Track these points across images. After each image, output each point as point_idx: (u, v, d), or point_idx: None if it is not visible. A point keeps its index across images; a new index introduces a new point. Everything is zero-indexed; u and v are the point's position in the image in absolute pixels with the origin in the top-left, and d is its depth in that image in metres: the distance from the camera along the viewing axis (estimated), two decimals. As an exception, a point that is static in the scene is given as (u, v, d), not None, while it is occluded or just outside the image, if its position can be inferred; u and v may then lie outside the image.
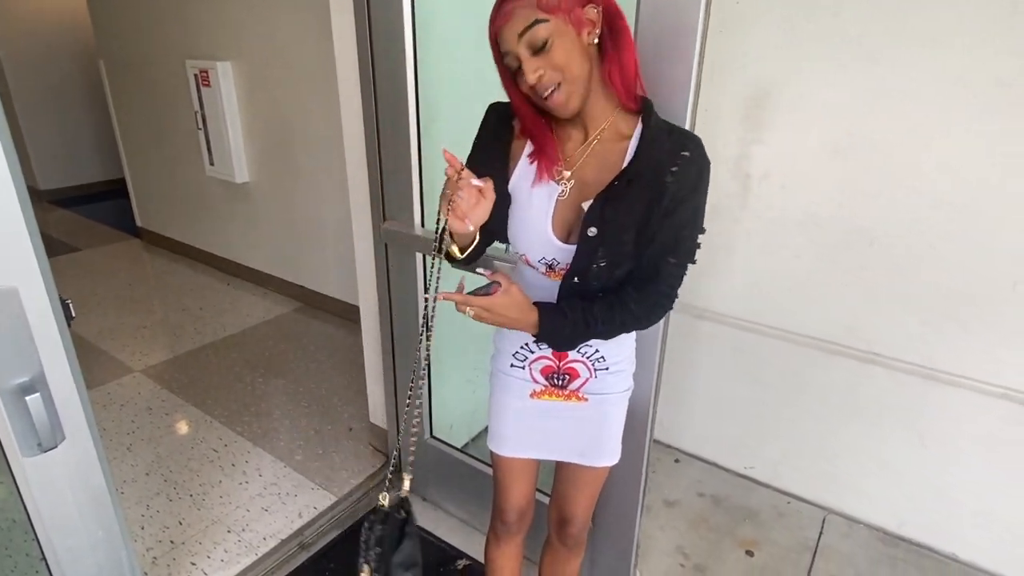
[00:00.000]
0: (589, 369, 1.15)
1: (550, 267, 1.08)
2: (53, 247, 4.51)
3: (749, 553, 1.96)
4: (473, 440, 2.34)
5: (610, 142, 1.03)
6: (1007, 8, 1.49)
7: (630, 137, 1.02)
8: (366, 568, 1.08)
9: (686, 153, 0.98)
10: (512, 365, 1.20)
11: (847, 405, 2.01)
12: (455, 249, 1.06)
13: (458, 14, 1.77)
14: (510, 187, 1.09)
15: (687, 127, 1.16)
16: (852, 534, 2.04)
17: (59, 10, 5.41)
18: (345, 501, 2.10)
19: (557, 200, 1.04)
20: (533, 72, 0.92)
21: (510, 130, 1.10)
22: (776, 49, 1.81)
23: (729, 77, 1.90)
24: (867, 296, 1.88)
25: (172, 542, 1.91)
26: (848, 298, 1.91)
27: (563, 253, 1.05)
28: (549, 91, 0.94)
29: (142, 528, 1.96)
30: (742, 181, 1.97)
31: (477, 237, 1.05)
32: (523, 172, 1.08)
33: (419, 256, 1.82)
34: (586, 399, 1.17)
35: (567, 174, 1.05)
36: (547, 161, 1.04)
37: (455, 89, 1.84)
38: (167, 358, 2.99)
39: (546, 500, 1.42)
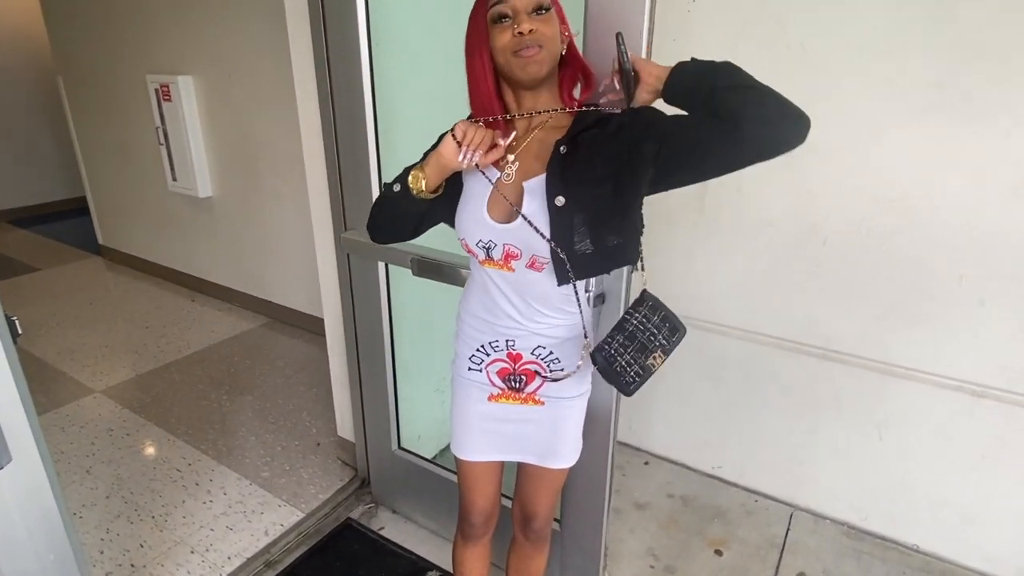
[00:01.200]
0: (543, 369, 1.15)
1: (488, 252, 1.08)
2: (12, 267, 4.39)
3: (718, 552, 1.97)
4: (443, 452, 2.33)
5: (551, 131, 1.06)
6: (937, 14, 1.56)
7: (572, 114, 1.07)
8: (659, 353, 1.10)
9: (619, 112, 1.03)
10: (470, 368, 1.20)
11: (807, 402, 2.05)
12: (424, 183, 1.08)
13: (414, 23, 1.79)
14: (463, 177, 1.12)
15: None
16: (818, 530, 2.07)
17: (14, 27, 5.30)
18: (313, 517, 2.06)
19: (498, 183, 1.07)
20: (528, 24, 0.96)
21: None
22: (726, 55, 1.86)
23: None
24: (823, 294, 1.92)
25: (133, 565, 1.86)
26: (805, 297, 1.95)
27: (499, 234, 1.05)
28: (532, 47, 0.97)
29: (101, 552, 1.90)
30: (699, 187, 2.01)
31: (441, 189, 1.11)
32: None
33: (381, 265, 1.81)
34: (542, 402, 1.18)
35: (511, 157, 1.07)
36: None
37: (413, 97, 1.85)
38: (129, 377, 2.92)
39: (510, 501, 1.41)
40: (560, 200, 1.00)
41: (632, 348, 1.06)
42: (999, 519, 1.85)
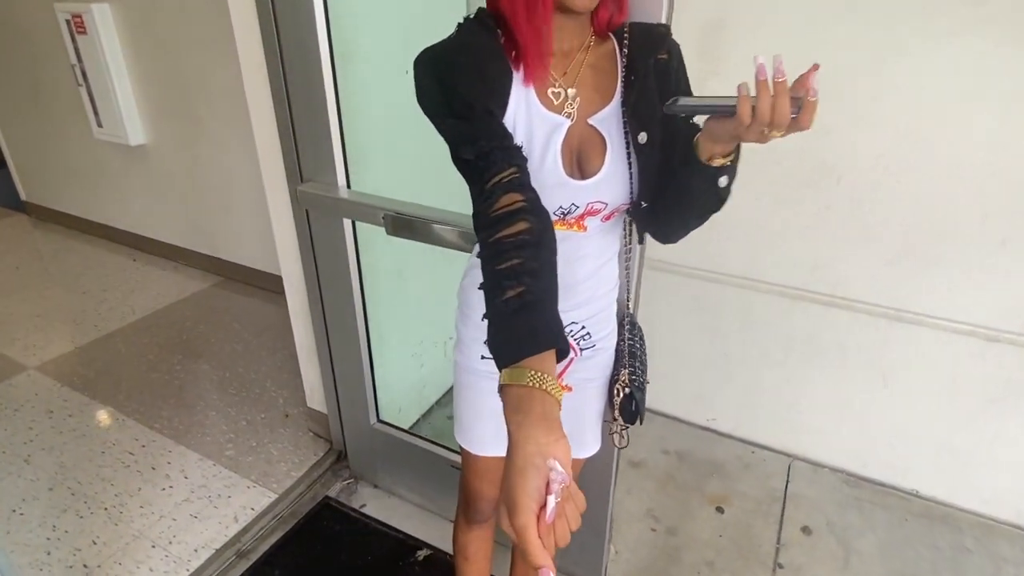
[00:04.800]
0: (573, 349, 0.99)
1: (565, 216, 0.89)
2: (-80, 230, 3.94)
3: (719, 510, 1.90)
4: (424, 416, 2.17)
5: (598, 56, 0.88)
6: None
7: (609, 42, 0.89)
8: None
9: (664, 28, 0.88)
10: (483, 357, 1.02)
11: (809, 350, 1.95)
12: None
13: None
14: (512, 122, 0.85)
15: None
16: (817, 479, 2.02)
17: None
18: (287, 497, 1.90)
19: (567, 131, 0.84)
20: None
21: (503, 56, 0.81)
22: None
23: (681, 7, 1.71)
24: (831, 238, 1.79)
25: (86, 566, 1.67)
26: (812, 242, 1.81)
27: (584, 192, 0.86)
28: None
29: (48, 554, 1.70)
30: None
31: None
32: (516, 111, 0.83)
33: (347, 222, 1.58)
34: (570, 388, 1.02)
35: (571, 92, 0.85)
36: (540, 66, 0.81)
37: (375, 18, 1.58)
38: (67, 350, 2.64)
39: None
40: (643, 136, 0.83)
41: (642, 371, 1.08)
42: (1002, 462, 1.81)
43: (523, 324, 0.63)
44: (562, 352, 0.63)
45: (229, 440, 2.12)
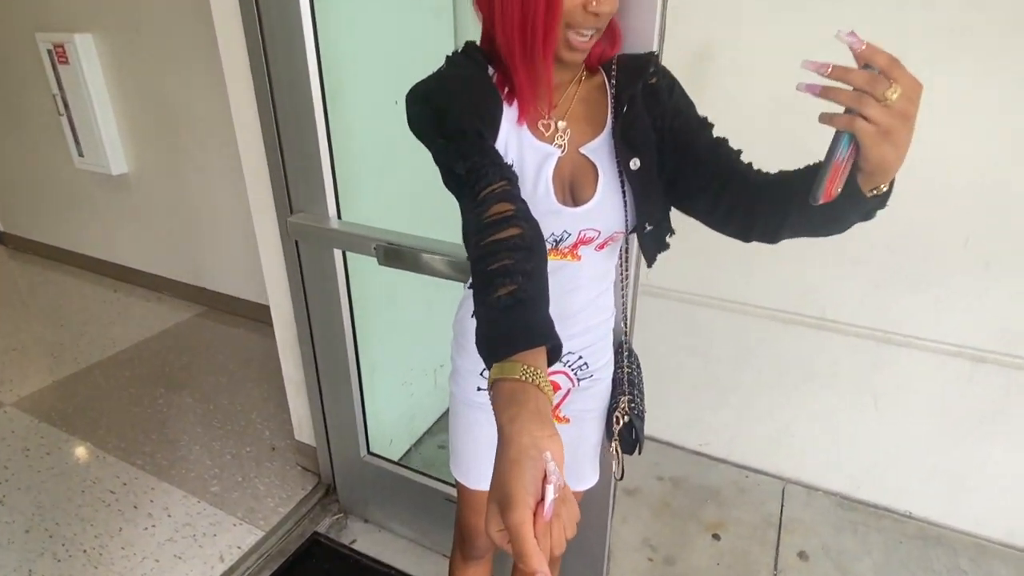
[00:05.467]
0: (571, 379, 0.98)
1: (557, 244, 0.89)
2: None
3: (716, 536, 1.88)
4: (415, 446, 2.14)
5: (589, 88, 0.89)
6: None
7: (599, 74, 0.90)
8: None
9: (649, 54, 0.88)
10: (480, 389, 1.00)
11: (800, 373, 1.96)
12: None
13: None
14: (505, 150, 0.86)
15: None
16: (812, 503, 2.01)
17: None
18: (275, 534, 1.84)
19: (557, 160, 0.85)
20: (609, 2, 0.75)
21: (495, 89, 0.82)
22: (712, 3, 1.67)
23: (670, 36, 1.74)
24: (820, 262, 1.80)
25: (64, 613, 1.60)
26: (799, 264, 1.83)
27: (576, 220, 0.86)
28: (590, 33, 0.78)
29: (24, 601, 1.63)
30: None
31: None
32: (507, 140, 0.85)
33: (338, 254, 1.56)
34: (567, 420, 1.01)
35: (562, 124, 0.86)
36: (533, 104, 0.83)
37: (365, 52, 1.58)
38: (45, 384, 2.57)
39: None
40: (635, 162, 0.84)
41: (640, 399, 1.08)
42: (992, 482, 1.82)
43: (516, 319, 0.60)
44: (555, 352, 0.60)
45: (214, 475, 2.06)
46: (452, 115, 0.75)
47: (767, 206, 0.79)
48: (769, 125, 1.72)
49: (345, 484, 1.93)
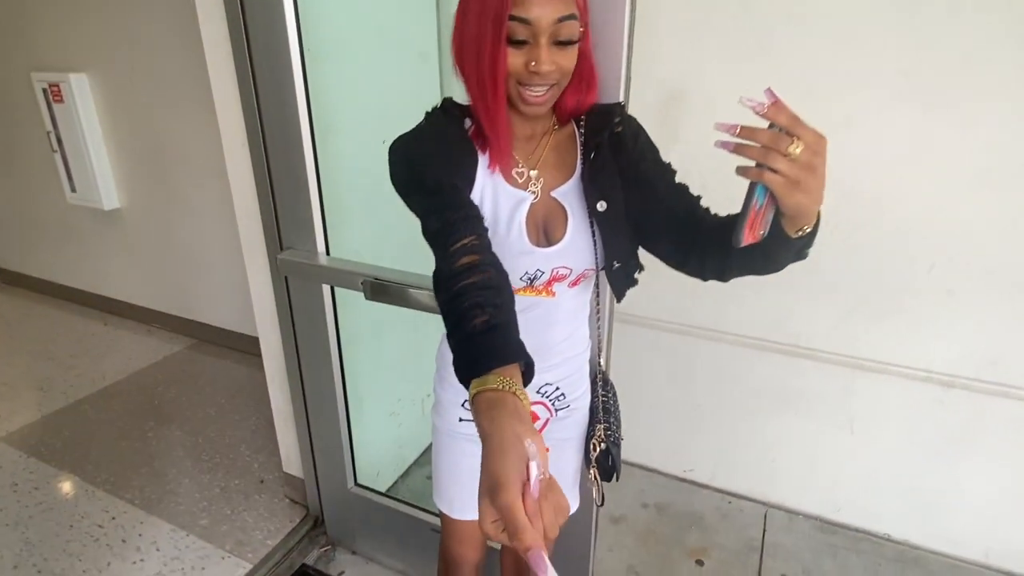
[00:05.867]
0: (549, 410, 1.02)
1: (532, 282, 0.94)
2: None
3: (699, 563, 1.91)
4: (403, 477, 2.16)
5: (561, 137, 0.96)
6: (901, 3, 1.51)
7: (570, 125, 0.97)
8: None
9: (615, 104, 0.97)
10: (461, 419, 1.05)
11: (778, 399, 2.01)
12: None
13: (350, 11, 1.59)
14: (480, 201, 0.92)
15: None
16: (793, 527, 2.04)
17: None
18: (263, 567, 1.85)
19: (530, 206, 0.92)
20: (548, 63, 0.80)
21: (469, 141, 0.91)
22: (690, 41, 1.76)
23: (644, 79, 1.83)
24: (790, 290, 1.87)
25: (50, 650, 1.60)
26: (772, 293, 1.90)
27: (548, 259, 0.92)
28: (543, 89, 0.83)
29: (10, 638, 1.63)
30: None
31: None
32: (483, 188, 0.92)
33: (326, 288, 1.61)
34: (547, 449, 1.05)
35: (533, 173, 0.93)
36: (503, 156, 0.90)
37: (353, 94, 1.65)
38: (33, 419, 2.58)
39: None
40: (602, 205, 0.90)
41: (617, 426, 1.13)
42: (967, 504, 1.86)
43: (491, 341, 0.66)
44: (528, 371, 0.66)
45: (203, 509, 2.07)
46: (430, 171, 0.83)
47: (715, 248, 0.85)
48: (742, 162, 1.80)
49: (333, 516, 1.95)
